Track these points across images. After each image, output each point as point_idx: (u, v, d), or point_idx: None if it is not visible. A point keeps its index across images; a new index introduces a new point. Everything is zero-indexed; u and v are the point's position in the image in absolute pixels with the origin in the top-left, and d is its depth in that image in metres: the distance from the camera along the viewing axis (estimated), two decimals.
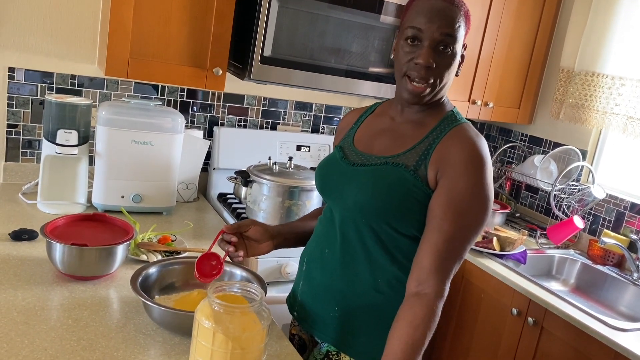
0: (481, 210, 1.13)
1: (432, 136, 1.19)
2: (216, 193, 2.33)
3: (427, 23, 1.13)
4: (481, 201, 1.12)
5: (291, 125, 2.53)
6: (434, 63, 1.14)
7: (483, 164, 1.13)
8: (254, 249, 1.35)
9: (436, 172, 1.14)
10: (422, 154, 1.17)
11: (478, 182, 1.12)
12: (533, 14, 2.58)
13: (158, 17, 1.84)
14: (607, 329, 1.73)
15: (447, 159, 1.14)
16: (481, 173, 1.12)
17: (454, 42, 1.15)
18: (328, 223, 1.29)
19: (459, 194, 1.11)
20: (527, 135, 2.84)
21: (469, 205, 1.12)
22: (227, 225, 1.31)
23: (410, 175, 1.16)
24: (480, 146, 1.14)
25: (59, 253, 1.36)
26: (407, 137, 1.22)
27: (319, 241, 1.31)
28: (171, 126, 1.93)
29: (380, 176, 1.19)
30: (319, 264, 1.29)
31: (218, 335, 0.99)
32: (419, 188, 1.15)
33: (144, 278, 1.31)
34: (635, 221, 2.32)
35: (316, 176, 1.34)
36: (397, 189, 1.16)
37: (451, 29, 1.14)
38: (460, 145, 1.14)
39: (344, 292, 1.24)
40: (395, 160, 1.19)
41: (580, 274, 2.36)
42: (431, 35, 1.13)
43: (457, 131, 1.18)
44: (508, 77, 2.60)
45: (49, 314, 1.23)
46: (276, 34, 1.90)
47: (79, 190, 1.89)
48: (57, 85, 2.07)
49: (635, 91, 2.28)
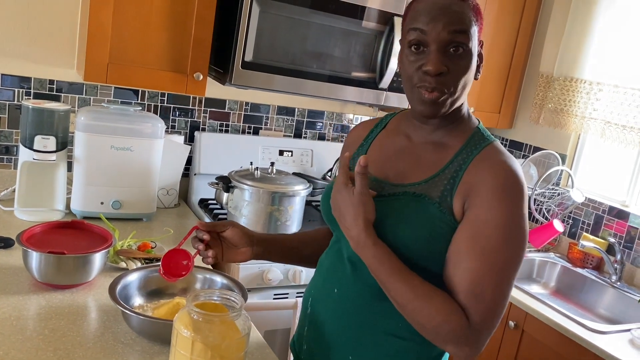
0: (516, 247, 0.96)
1: (459, 160, 1.02)
2: (197, 199, 2.32)
3: (430, 22, 0.97)
4: (515, 236, 0.95)
5: (273, 130, 2.53)
6: (446, 68, 0.98)
7: (518, 194, 0.96)
8: (231, 254, 1.20)
9: (463, 202, 0.98)
10: (448, 183, 1.00)
11: (513, 214, 0.95)
12: (512, 21, 2.61)
13: (138, 22, 1.82)
14: (586, 332, 1.75)
15: (476, 186, 0.97)
16: (517, 203, 0.96)
17: (466, 40, 0.98)
18: (336, 257, 1.13)
19: (489, 227, 0.94)
20: (507, 140, 2.87)
21: (500, 241, 0.94)
22: (201, 222, 1.16)
23: (436, 208, 1.00)
24: (517, 171, 0.98)
25: (35, 261, 1.33)
26: (429, 162, 1.05)
27: (325, 279, 1.14)
28: (151, 131, 1.92)
29: (399, 210, 1.02)
30: (328, 306, 1.12)
31: (197, 344, 0.98)
32: (446, 223, 0.99)
33: (122, 286, 1.29)
34: (614, 224, 2.35)
35: (321, 204, 1.18)
36: (419, 223, 1.00)
37: (461, 25, 0.97)
38: (493, 170, 0.98)
39: (359, 339, 1.07)
40: (417, 190, 1.03)
41: (560, 277, 2.39)
42: (437, 36, 0.97)
43: (489, 153, 1.01)
44: (489, 82, 2.63)
45: (24, 323, 1.21)
46: (257, 39, 1.90)
47: (57, 197, 1.86)
48: (34, 90, 2.04)
49: (612, 96, 2.32)
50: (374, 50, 2.10)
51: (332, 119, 2.64)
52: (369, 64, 2.12)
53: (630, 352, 1.68)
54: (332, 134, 2.66)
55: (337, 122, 2.66)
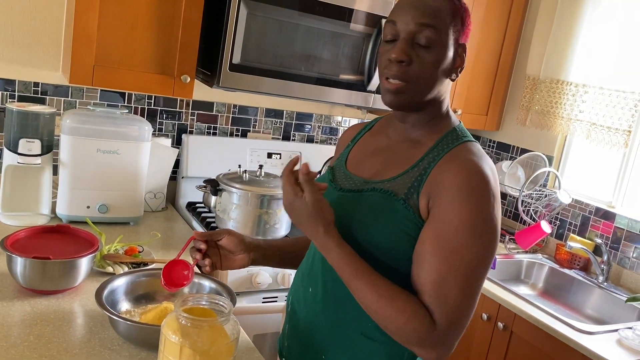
0: (482, 247, 0.94)
1: (429, 158, 1.02)
2: (185, 202, 2.30)
3: (401, 15, 1.00)
4: (483, 236, 0.93)
5: (262, 132, 2.52)
6: (409, 58, 0.99)
7: (484, 192, 0.94)
8: (228, 262, 1.21)
9: (428, 200, 0.98)
10: (415, 180, 1.00)
11: (477, 214, 0.93)
12: (499, 23, 2.62)
13: (124, 24, 1.81)
14: (574, 333, 1.76)
15: (440, 185, 0.96)
16: (481, 202, 0.94)
17: (434, 35, 0.98)
18: (311, 257, 1.15)
19: (452, 227, 0.93)
20: (494, 142, 2.89)
21: (463, 241, 0.93)
22: (197, 232, 1.19)
23: (401, 205, 1.00)
24: (483, 169, 0.96)
25: (20, 267, 1.31)
26: (401, 159, 1.05)
27: (302, 278, 1.17)
28: (138, 134, 1.90)
29: (365, 205, 1.04)
30: (303, 305, 1.14)
31: (185, 349, 0.97)
32: (410, 220, 0.99)
33: (109, 291, 1.27)
34: (600, 225, 2.37)
35: None
36: (383, 221, 1.01)
37: (429, 18, 0.98)
38: (457, 168, 0.96)
39: (331, 339, 1.09)
40: (385, 187, 1.03)
41: (548, 277, 2.40)
42: (405, 27, 0.99)
43: (457, 152, 1.00)
44: (476, 84, 2.64)
45: (9, 330, 1.19)
46: (245, 41, 1.89)
47: (43, 201, 1.84)
48: (19, 93, 2.01)
49: (598, 98, 2.34)
50: (362, 52, 2.10)
51: (321, 122, 2.64)
52: (357, 67, 2.12)
53: (617, 352, 1.69)
54: (320, 136, 2.66)
55: (326, 124, 2.66)
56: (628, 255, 2.26)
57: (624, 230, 2.28)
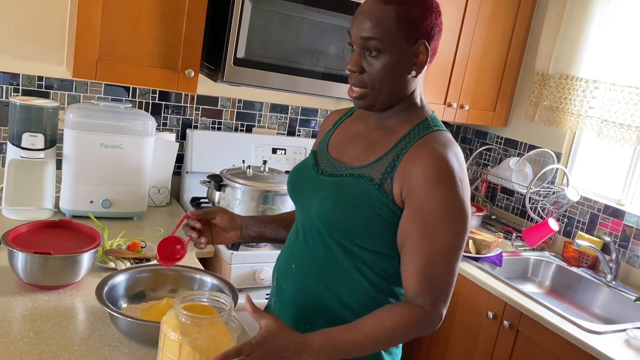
0: (458, 227, 1.04)
1: (401, 145, 1.10)
2: (189, 197, 2.29)
3: (353, 26, 1.08)
4: (456, 218, 1.04)
5: (267, 127, 2.50)
6: (360, 68, 1.08)
7: (450, 179, 1.03)
8: (220, 237, 1.26)
9: (401, 190, 1.06)
10: (388, 166, 1.09)
11: (448, 199, 1.03)
12: (508, 17, 2.59)
13: (127, 18, 1.79)
14: (582, 332, 1.73)
15: (410, 176, 1.05)
16: (450, 189, 1.03)
17: (379, 44, 1.05)
18: (294, 233, 1.22)
19: (431, 215, 1.03)
20: (502, 138, 2.86)
21: (443, 226, 1.03)
22: (192, 211, 1.23)
23: (375, 189, 1.07)
24: (447, 158, 1.05)
25: (21, 262, 1.31)
26: (377, 146, 1.13)
27: (286, 254, 1.24)
28: (142, 129, 1.89)
29: (343, 189, 1.11)
30: (288, 280, 1.21)
31: (185, 347, 0.96)
32: (384, 204, 1.07)
33: (110, 287, 1.27)
34: (609, 223, 2.34)
35: (288, 182, 1.27)
36: (359, 204, 1.08)
37: (371, 31, 1.04)
38: (425, 160, 1.04)
39: (314, 309, 1.16)
40: (361, 172, 1.11)
41: (555, 276, 2.37)
42: (355, 39, 1.08)
43: (425, 141, 1.08)
44: (483, 80, 2.61)
45: (9, 326, 1.18)
46: (249, 36, 1.87)
47: (46, 196, 1.83)
48: (23, 87, 2.00)
49: (609, 94, 2.30)
50: None
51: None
52: None
53: (626, 352, 1.66)
54: None
55: None
56: (637, 254, 2.22)
57: (633, 229, 2.24)
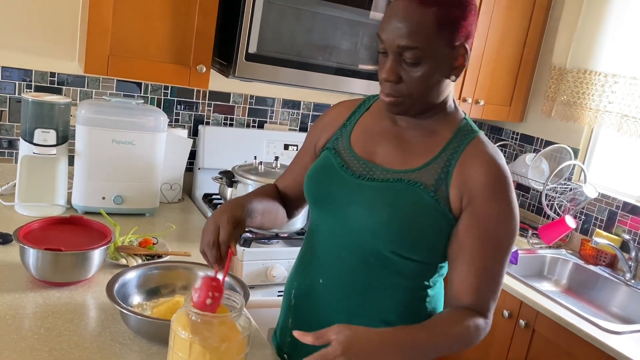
0: (514, 234, 1.05)
1: (451, 149, 1.05)
2: (202, 193, 2.28)
3: (387, 31, 0.99)
4: (514, 227, 1.04)
5: (279, 123, 2.48)
6: (397, 78, 1.00)
7: (508, 186, 1.03)
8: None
9: (460, 197, 1.02)
10: (441, 172, 1.03)
11: (508, 206, 1.03)
12: (524, 11, 2.54)
13: (139, 13, 1.78)
14: (599, 332, 1.70)
15: (472, 183, 1.02)
16: (509, 197, 1.03)
17: (419, 52, 0.96)
18: (320, 245, 1.13)
19: (493, 223, 1.02)
20: (518, 134, 2.81)
21: (502, 233, 1.03)
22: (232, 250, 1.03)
23: (431, 197, 1.02)
24: (503, 164, 1.04)
25: (32, 258, 1.30)
26: (420, 149, 1.07)
27: (308, 268, 1.15)
28: (154, 125, 1.88)
29: (395, 196, 1.04)
30: (313, 297, 1.12)
31: (195, 346, 0.94)
32: (441, 214, 1.02)
33: (121, 284, 1.26)
34: (628, 220, 2.29)
35: (307, 185, 1.15)
36: (414, 213, 1.02)
37: (409, 39, 0.96)
38: (485, 167, 1.02)
39: None
40: (411, 177, 1.04)
41: (572, 274, 2.33)
42: (390, 46, 0.99)
43: (477, 147, 1.05)
44: (499, 74, 2.57)
45: (20, 322, 1.17)
46: (261, 30, 1.85)
47: (58, 192, 1.83)
48: (35, 83, 2.00)
49: (629, 89, 2.25)
50: None
51: None
52: (377, 56, 2.06)
53: None
54: None
55: None
56: None
57: None
